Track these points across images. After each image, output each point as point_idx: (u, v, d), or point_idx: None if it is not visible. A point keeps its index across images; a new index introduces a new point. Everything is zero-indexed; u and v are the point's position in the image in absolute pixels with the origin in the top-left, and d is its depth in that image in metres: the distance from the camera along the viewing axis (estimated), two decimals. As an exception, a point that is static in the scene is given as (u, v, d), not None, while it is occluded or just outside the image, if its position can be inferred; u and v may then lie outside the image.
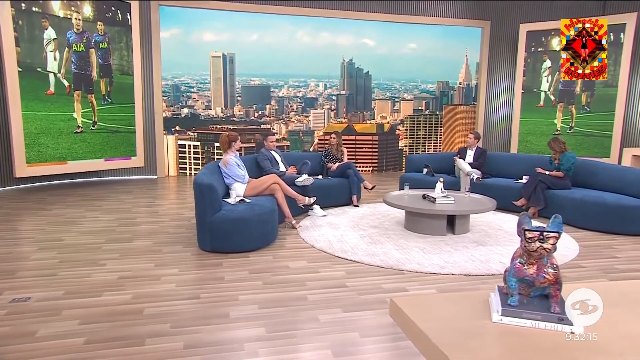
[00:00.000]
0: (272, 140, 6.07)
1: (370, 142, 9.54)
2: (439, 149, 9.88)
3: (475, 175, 6.27)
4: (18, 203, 6.22)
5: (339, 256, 4.22)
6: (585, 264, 4.14)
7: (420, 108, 9.84)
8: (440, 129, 9.89)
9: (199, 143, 8.65)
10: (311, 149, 9.19)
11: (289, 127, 9.22)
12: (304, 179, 5.55)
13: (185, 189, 7.47)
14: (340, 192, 6.22)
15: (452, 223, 4.95)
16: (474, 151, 6.74)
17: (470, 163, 6.55)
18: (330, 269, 3.91)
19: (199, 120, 8.70)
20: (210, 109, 8.79)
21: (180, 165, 8.63)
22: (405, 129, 9.75)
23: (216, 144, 8.43)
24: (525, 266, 1.41)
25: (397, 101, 9.73)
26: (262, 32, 8.81)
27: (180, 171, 8.63)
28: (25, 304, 3.14)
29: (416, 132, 9.82)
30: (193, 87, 8.72)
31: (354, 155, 9.26)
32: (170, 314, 3.02)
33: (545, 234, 1.35)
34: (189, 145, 8.63)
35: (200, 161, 8.63)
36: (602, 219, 5.17)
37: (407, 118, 9.76)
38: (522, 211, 5.25)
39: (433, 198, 5.06)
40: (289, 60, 9.05)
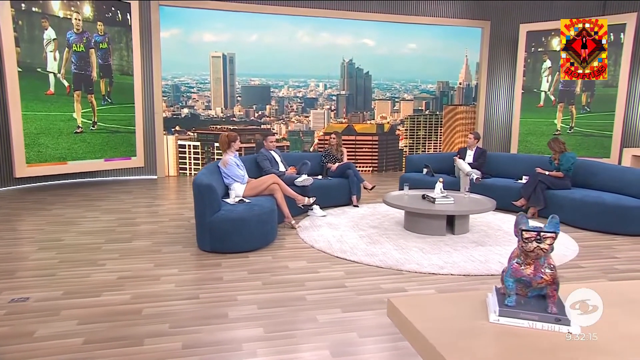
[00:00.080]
0: (272, 141, 6.07)
1: (370, 143, 9.54)
2: (439, 149, 9.88)
3: (474, 175, 6.27)
4: (18, 203, 6.23)
5: (338, 256, 4.22)
6: (585, 264, 4.14)
7: (420, 108, 9.83)
8: (440, 129, 9.89)
9: (199, 143, 8.65)
10: (311, 149, 9.19)
11: (289, 128, 9.22)
12: (304, 179, 5.55)
13: (185, 189, 7.47)
14: (340, 193, 6.22)
15: (452, 223, 4.95)
16: (473, 151, 6.74)
17: (470, 163, 6.54)
18: (329, 269, 3.91)
19: (199, 120, 8.70)
20: (210, 109, 8.79)
21: (180, 166, 8.63)
22: (405, 129, 9.75)
23: (216, 144, 8.43)
24: (523, 266, 1.41)
25: (397, 101, 9.73)
26: (262, 32, 8.81)
27: (180, 171, 8.64)
28: (24, 304, 3.14)
29: (416, 133, 9.82)
30: (193, 87, 8.72)
31: (354, 155, 9.26)
32: (169, 314, 3.02)
33: (542, 234, 1.34)
34: (189, 145, 8.63)
35: (200, 161, 8.63)
36: (602, 219, 5.17)
37: (407, 118, 9.75)
38: (522, 211, 5.24)
39: (432, 198, 5.07)
40: (289, 61, 9.05)
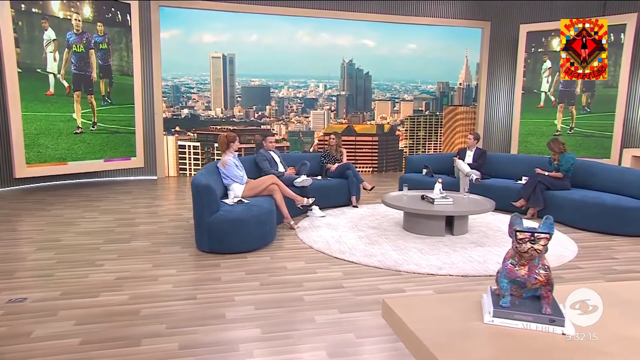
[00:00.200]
0: (271, 141, 6.06)
1: (370, 143, 9.53)
2: (439, 149, 9.87)
3: (474, 176, 6.26)
4: (17, 203, 6.23)
5: (336, 257, 4.22)
6: (584, 265, 4.13)
7: (420, 109, 9.83)
8: (440, 130, 9.88)
9: (198, 144, 8.65)
10: (311, 150, 9.19)
11: (289, 128, 9.22)
12: (303, 180, 5.55)
13: (185, 190, 7.47)
14: (339, 193, 6.22)
15: (451, 224, 4.94)
16: (473, 152, 6.73)
17: (469, 164, 6.54)
18: (327, 270, 3.90)
19: (198, 120, 8.71)
20: (210, 110, 8.79)
21: (180, 166, 8.64)
22: (405, 130, 9.74)
23: (216, 144, 8.43)
24: (517, 267, 1.41)
25: (397, 102, 9.72)
26: (262, 33, 8.81)
27: (180, 172, 8.64)
28: (21, 304, 3.14)
29: (416, 133, 9.81)
30: (193, 88, 8.72)
31: (354, 156, 9.26)
32: (166, 314, 3.02)
33: (536, 235, 1.34)
34: (189, 145, 8.64)
35: (200, 162, 8.63)
36: (601, 219, 5.16)
37: (407, 119, 9.75)
38: (516, 212, 5.25)
39: (432, 199, 5.06)
40: (289, 61, 9.05)
